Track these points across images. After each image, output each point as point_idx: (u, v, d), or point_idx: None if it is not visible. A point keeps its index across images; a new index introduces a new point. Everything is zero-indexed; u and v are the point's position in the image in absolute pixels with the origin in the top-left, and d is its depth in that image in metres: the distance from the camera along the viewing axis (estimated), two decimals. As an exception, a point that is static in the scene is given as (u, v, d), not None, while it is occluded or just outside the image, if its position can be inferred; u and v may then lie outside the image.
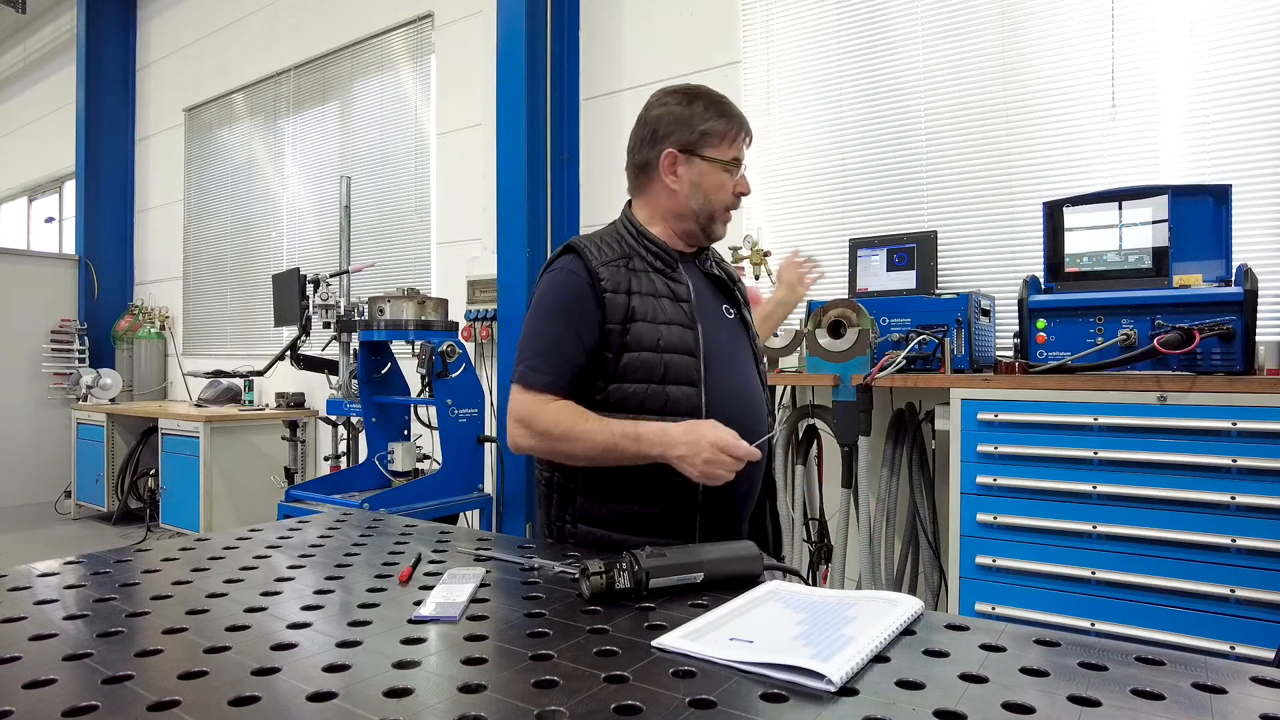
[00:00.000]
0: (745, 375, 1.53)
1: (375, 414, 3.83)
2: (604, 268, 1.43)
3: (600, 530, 1.45)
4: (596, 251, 1.45)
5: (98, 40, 7.07)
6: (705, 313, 1.50)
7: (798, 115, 3.51)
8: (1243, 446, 2.00)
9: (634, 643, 0.91)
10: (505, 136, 4.05)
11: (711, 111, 1.50)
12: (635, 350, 1.41)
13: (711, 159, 1.49)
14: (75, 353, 6.78)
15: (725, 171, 1.50)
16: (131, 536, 5.48)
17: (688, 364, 1.43)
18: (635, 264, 1.47)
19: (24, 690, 0.78)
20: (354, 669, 0.83)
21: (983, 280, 3.03)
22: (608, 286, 1.42)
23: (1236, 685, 0.80)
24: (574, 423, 1.36)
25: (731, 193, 1.52)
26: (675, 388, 1.41)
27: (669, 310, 1.45)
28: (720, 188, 1.50)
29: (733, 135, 1.50)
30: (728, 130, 1.50)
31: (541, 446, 1.41)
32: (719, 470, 1.29)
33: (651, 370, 1.41)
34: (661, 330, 1.42)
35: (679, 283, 1.49)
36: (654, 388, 1.41)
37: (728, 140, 1.50)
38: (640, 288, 1.44)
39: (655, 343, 1.41)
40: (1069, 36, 2.86)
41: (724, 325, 1.54)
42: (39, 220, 8.65)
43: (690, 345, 1.44)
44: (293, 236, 5.88)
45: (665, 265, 1.50)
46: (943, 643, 0.92)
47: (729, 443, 1.29)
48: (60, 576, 1.20)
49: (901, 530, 2.87)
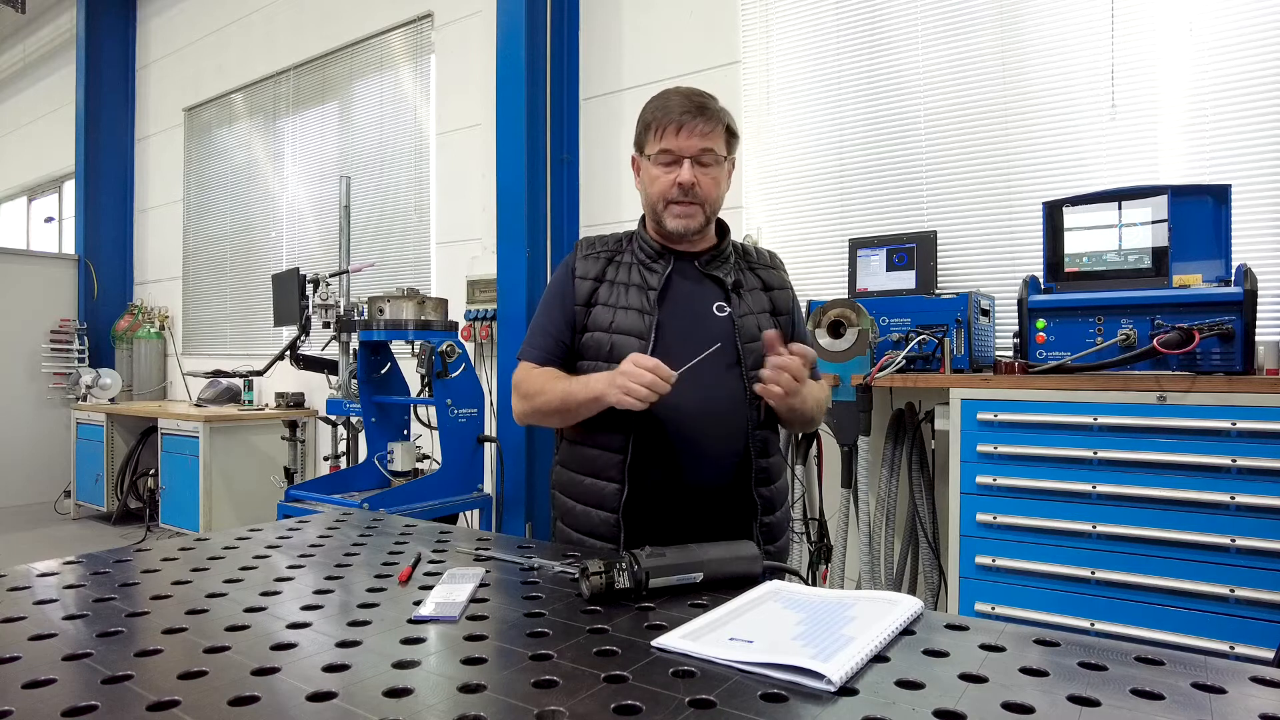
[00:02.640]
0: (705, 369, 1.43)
1: (375, 414, 3.83)
2: (584, 260, 1.58)
3: (562, 496, 1.58)
4: (588, 246, 1.61)
5: (97, 40, 7.06)
6: (679, 305, 1.53)
7: (797, 115, 3.51)
8: (1242, 446, 2.00)
9: (634, 643, 0.91)
10: (505, 136, 4.05)
11: (649, 107, 1.52)
12: (591, 330, 1.53)
13: (646, 154, 1.52)
14: (75, 352, 6.78)
15: (658, 165, 1.49)
16: (131, 536, 5.48)
17: (634, 346, 1.47)
18: (623, 257, 1.59)
19: (24, 690, 0.78)
20: (354, 669, 0.83)
21: (982, 280, 3.03)
22: (578, 273, 1.57)
23: (1236, 685, 0.80)
24: (545, 381, 1.51)
25: (667, 185, 1.49)
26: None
27: (632, 297, 1.53)
28: (654, 180, 1.51)
29: (658, 126, 1.48)
30: (653, 121, 1.49)
31: (527, 407, 1.54)
32: (630, 383, 1.31)
33: (599, 348, 1.51)
34: (617, 314, 1.52)
35: (654, 273, 1.55)
36: (601, 365, 1.50)
37: (655, 132, 1.49)
38: (616, 276, 1.56)
39: (608, 324, 1.52)
40: (1069, 37, 2.86)
41: (702, 321, 1.52)
42: (39, 220, 8.65)
43: (641, 329, 1.49)
44: (292, 236, 5.88)
45: (647, 258, 1.57)
46: (942, 643, 0.92)
47: (639, 357, 1.33)
48: (60, 576, 1.20)
49: (901, 530, 2.87)
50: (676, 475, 1.47)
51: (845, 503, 2.83)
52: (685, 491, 1.48)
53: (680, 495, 1.48)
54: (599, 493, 1.50)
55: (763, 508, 1.53)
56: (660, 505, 1.48)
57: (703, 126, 1.46)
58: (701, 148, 1.46)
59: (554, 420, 1.54)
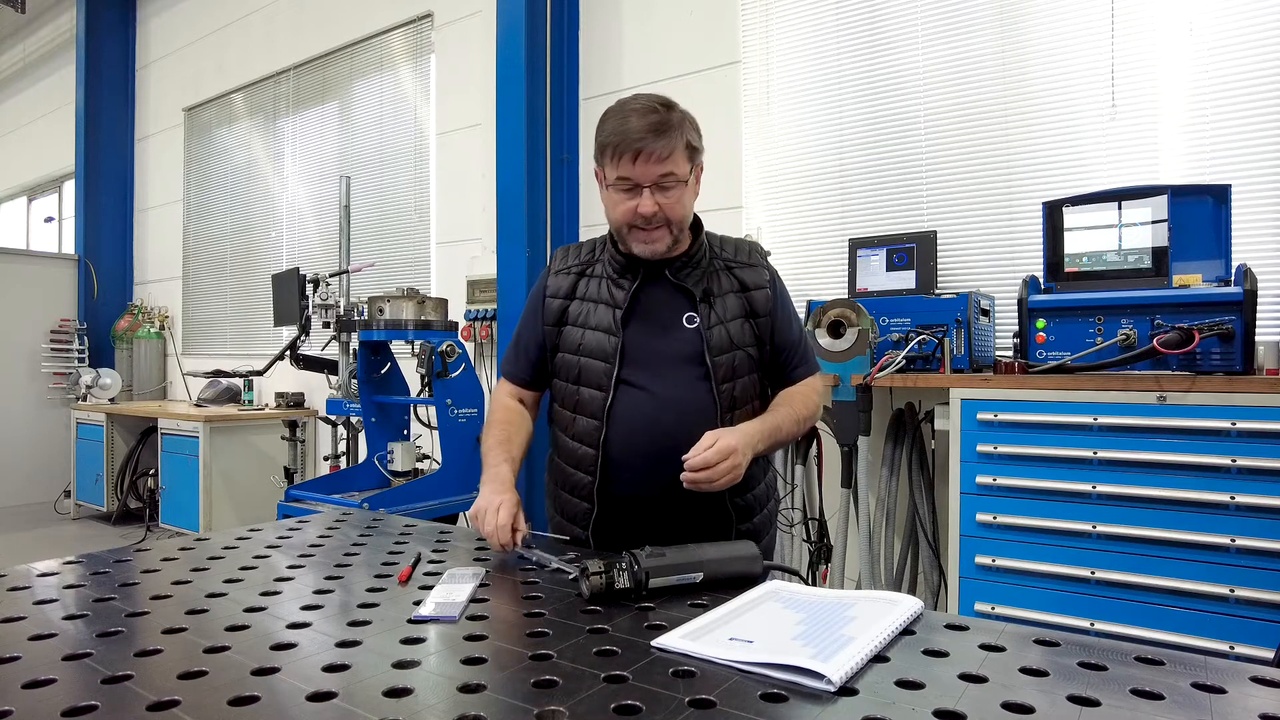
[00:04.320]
0: (669, 385, 1.45)
1: (375, 414, 3.83)
2: (556, 275, 1.56)
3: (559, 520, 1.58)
4: (564, 257, 1.59)
5: (97, 40, 7.06)
6: (646, 322, 1.48)
7: (797, 115, 3.51)
8: (1242, 446, 2.00)
9: (634, 643, 0.91)
10: (505, 136, 4.05)
11: (601, 130, 1.41)
12: (562, 351, 1.53)
13: (601, 178, 1.45)
14: (75, 352, 6.78)
15: (618, 190, 1.40)
16: (131, 536, 5.47)
17: (600, 369, 1.47)
18: (596, 269, 1.55)
19: (24, 690, 0.78)
20: (353, 669, 0.83)
21: (982, 280, 3.03)
22: (549, 291, 1.55)
23: (1236, 685, 0.80)
24: (491, 422, 1.57)
25: (628, 212, 1.39)
26: (586, 390, 1.49)
27: (600, 316, 1.50)
28: (615, 205, 1.42)
29: (615, 151, 1.37)
30: (608, 145, 1.38)
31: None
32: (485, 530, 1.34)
33: (569, 370, 1.51)
34: (585, 335, 1.50)
35: (621, 290, 1.50)
36: (569, 387, 1.51)
37: (607, 157, 1.39)
38: (587, 293, 1.53)
39: (576, 345, 1.50)
40: (1069, 37, 2.86)
41: (671, 337, 1.47)
42: (38, 220, 8.65)
43: (607, 351, 1.47)
44: (292, 236, 5.88)
45: (616, 272, 1.52)
46: (942, 643, 0.92)
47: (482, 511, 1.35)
48: (60, 576, 1.20)
49: (901, 530, 2.87)
50: (647, 489, 1.45)
51: (845, 503, 2.83)
52: (654, 506, 1.46)
53: (650, 509, 1.46)
54: (573, 509, 1.53)
55: (738, 516, 1.51)
56: (631, 520, 1.47)
57: (660, 150, 1.35)
58: (661, 174, 1.37)
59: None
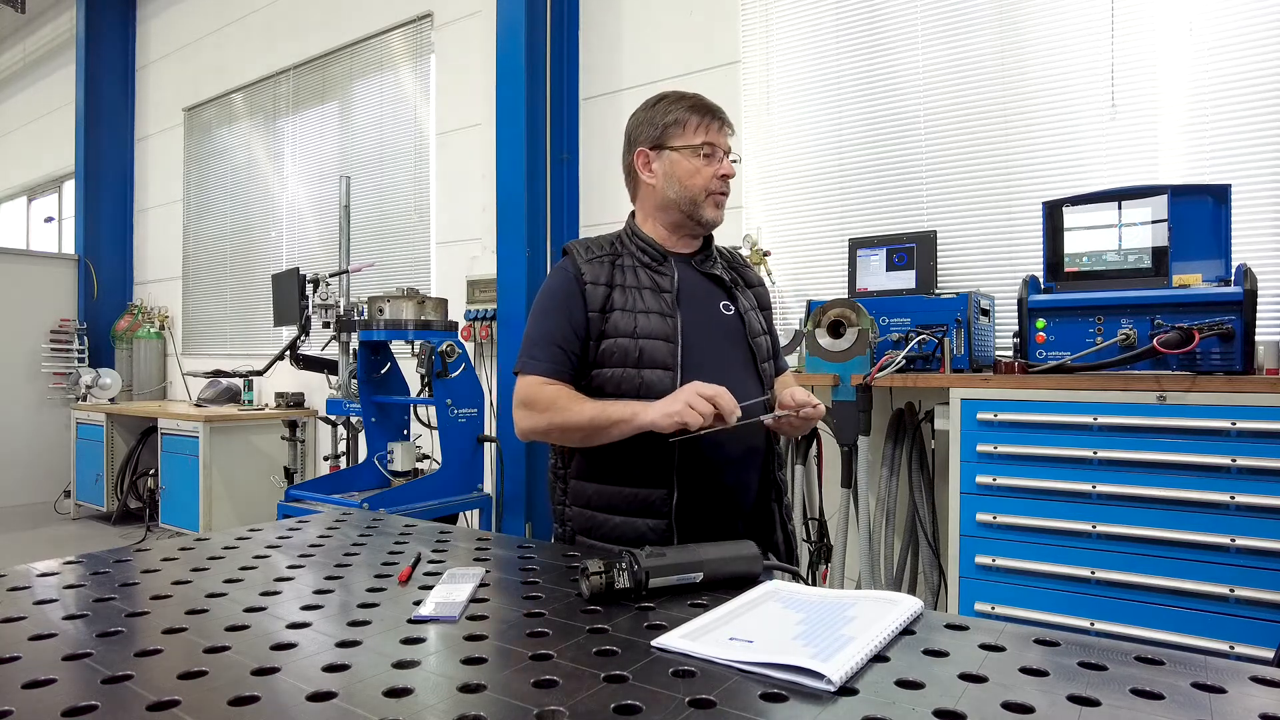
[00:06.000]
0: (729, 366, 1.53)
1: (375, 414, 3.83)
2: (588, 264, 1.54)
3: (588, 511, 1.53)
4: (584, 251, 1.57)
5: (97, 40, 7.06)
6: (692, 305, 1.55)
7: (797, 115, 3.51)
8: (1242, 446, 2.00)
9: (634, 642, 0.91)
10: (505, 136, 4.05)
11: (676, 105, 1.55)
12: (613, 336, 1.49)
13: (679, 147, 1.54)
14: (75, 352, 6.78)
15: (697, 156, 1.53)
16: (131, 536, 5.48)
17: (663, 349, 1.48)
18: (624, 260, 1.57)
19: (24, 690, 0.78)
20: (353, 669, 0.83)
21: (982, 280, 3.03)
22: (588, 279, 1.52)
23: (1236, 685, 0.80)
24: (567, 401, 1.46)
25: (710, 176, 1.54)
26: (650, 371, 1.47)
27: (649, 300, 1.52)
28: (694, 173, 1.53)
29: (696, 122, 1.54)
30: (690, 118, 1.54)
31: (540, 425, 1.48)
32: (686, 410, 1.29)
33: (626, 355, 1.48)
34: (638, 318, 1.50)
35: (664, 275, 1.55)
36: (629, 371, 1.48)
37: (691, 127, 1.54)
38: (624, 281, 1.54)
39: (631, 329, 1.49)
40: (1068, 37, 2.86)
41: (715, 319, 1.57)
42: (38, 220, 8.65)
43: (668, 332, 1.49)
44: (292, 236, 5.88)
45: (652, 260, 1.57)
46: (942, 642, 0.92)
47: (705, 387, 1.31)
48: (60, 576, 1.20)
49: (901, 530, 2.87)
50: (716, 475, 1.50)
51: (845, 503, 2.83)
52: (725, 491, 1.51)
53: (722, 495, 1.51)
54: (643, 501, 1.47)
55: (775, 493, 1.61)
56: (705, 506, 1.49)
57: (728, 128, 1.57)
58: (729, 144, 1.57)
59: (573, 439, 1.48)
